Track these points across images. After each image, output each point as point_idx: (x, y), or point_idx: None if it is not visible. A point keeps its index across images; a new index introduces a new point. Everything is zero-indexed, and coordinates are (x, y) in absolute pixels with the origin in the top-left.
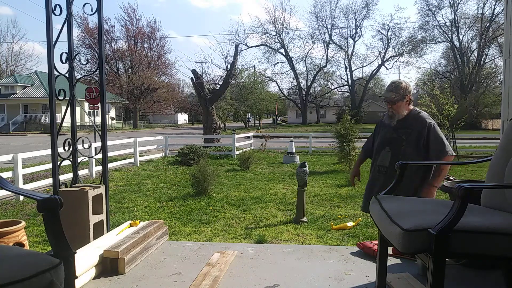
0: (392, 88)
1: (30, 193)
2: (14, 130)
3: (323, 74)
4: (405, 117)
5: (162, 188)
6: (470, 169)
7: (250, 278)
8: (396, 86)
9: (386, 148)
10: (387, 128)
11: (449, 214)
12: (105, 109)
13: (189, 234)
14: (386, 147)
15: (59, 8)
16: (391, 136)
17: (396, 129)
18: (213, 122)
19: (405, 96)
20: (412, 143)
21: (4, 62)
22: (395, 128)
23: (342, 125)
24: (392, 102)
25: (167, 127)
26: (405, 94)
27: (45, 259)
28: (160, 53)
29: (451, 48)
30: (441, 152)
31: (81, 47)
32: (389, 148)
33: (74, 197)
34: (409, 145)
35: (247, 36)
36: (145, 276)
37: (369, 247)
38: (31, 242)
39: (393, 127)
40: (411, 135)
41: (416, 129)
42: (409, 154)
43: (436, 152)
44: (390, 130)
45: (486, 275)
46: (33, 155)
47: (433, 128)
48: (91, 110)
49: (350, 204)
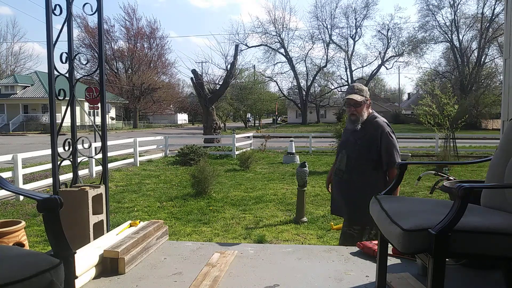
0: (357, 91)
1: (30, 193)
2: (14, 130)
3: (323, 74)
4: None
5: (162, 188)
6: (470, 169)
7: (250, 278)
8: (360, 88)
9: (342, 151)
10: (346, 131)
11: (449, 214)
12: (105, 109)
13: (189, 234)
14: (343, 150)
15: (59, 8)
16: (347, 139)
17: (353, 132)
18: (213, 122)
19: (367, 99)
20: (365, 147)
21: (4, 62)
22: (352, 131)
23: (342, 125)
24: (358, 104)
25: (167, 127)
26: (367, 97)
27: (45, 259)
28: (160, 53)
29: (451, 48)
30: (387, 164)
31: (81, 47)
32: (345, 152)
33: (74, 197)
34: (362, 149)
35: (247, 36)
36: (145, 276)
37: (369, 247)
38: (31, 242)
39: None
40: (365, 139)
41: (371, 134)
42: (361, 158)
43: (386, 162)
44: (347, 133)
45: (486, 275)
46: (33, 155)
47: (386, 136)
48: (91, 110)
49: None
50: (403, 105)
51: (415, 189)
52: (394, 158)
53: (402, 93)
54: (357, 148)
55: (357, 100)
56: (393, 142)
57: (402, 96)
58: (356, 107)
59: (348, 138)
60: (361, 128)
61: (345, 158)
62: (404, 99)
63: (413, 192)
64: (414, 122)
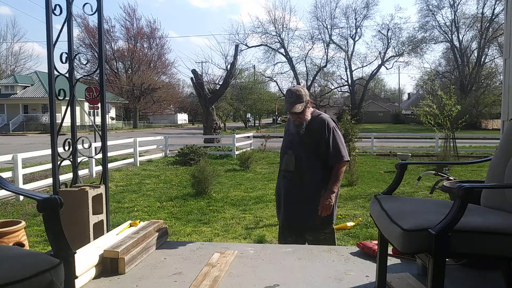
0: (295, 99)
1: (30, 193)
2: (14, 130)
3: (323, 74)
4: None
5: (162, 188)
6: (470, 169)
7: (250, 278)
8: (298, 95)
9: (288, 152)
10: (290, 132)
11: (449, 214)
12: (105, 109)
13: (189, 234)
14: (289, 151)
15: (59, 8)
16: (293, 139)
17: (298, 134)
18: (213, 122)
19: (307, 101)
20: (313, 145)
21: (4, 62)
22: (298, 131)
23: (342, 125)
24: (300, 112)
25: (167, 127)
26: (306, 99)
27: (45, 259)
28: (160, 53)
29: (451, 48)
30: (336, 157)
31: (81, 47)
32: (291, 152)
33: (74, 197)
34: (311, 147)
35: (247, 36)
36: (145, 276)
37: (369, 247)
38: (31, 242)
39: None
40: (312, 137)
41: (317, 130)
42: (310, 156)
43: (332, 157)
44: (292, 135)
45: (486, 275)
46: (33, 155)
47: (333, 131)
48: (91, 110)
49: (350, 204)
50: (403, 105)
51: (415, 189)
52: (341, 152)
53: (402, 93)
54: (306, 147)
55: (299, 110)
56: (340, 136)
57: (402, 96)
58: (299, 115)
59: (294, 139)
60: (308, 126)
61: (293, 158)
62: (404, 99)
63: (413, 192)
64: (414, 122)
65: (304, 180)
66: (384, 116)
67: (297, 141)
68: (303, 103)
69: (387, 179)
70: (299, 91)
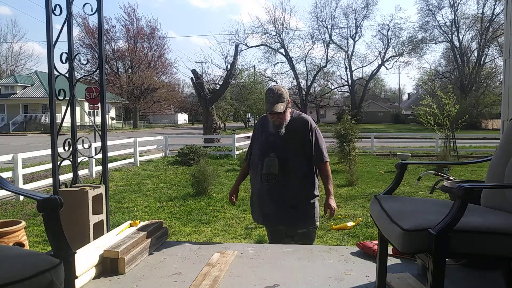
0: (277, 99)
1: (30, 193)
2: (14, 130)
3: (323, 74)
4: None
5: (162, 188)
6: (470, 169)
7: (250, 278)
8: (280, 95)
9: (271, 154)
10: (268, 133)
11: (449, 214)
12: (105, 109)
13: (189, 234)
14: (271, 153)
15: (59, 8)
16: (274, 141)
17: (279, 133)
18: (213, 122)
19: (287, 101)
20: (298, 146)
21: (4, 62)
22: (278, 131)
23: (342, 125)
24: (281, 112)
25: (167, 127)
26: (287, 99)
27: (45, 259)
28: (160, 53)
29: (451, 48)
30: (320, 158)
31: (81, 47)
32: (274, 154)
33: (74, 197)
34: (296, 147)
35: (247, 36)
36: (145, 276)
37: (369, 247)
38: (31, 242)
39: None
40: (296, 137)
41: (301, 130)
42: (297, 157)
43: (316, 157)
44: (272, 134)
45: (486, 275)
46: (33, 155)
47: (316, 132)
48: (91, 110)
49: (350, 204)
50: (403, 105)
51: (415, 189)
52: (323, 153)
53: (402, 93)
54: (291, 148)
55: (281, 110)
56: (321, 136)
57: (402, 96)
58: (279, 115)
59: (275, 140)
60: (290, 127)
61: (275, 160)
62: (404, 99)
63: (413, 192)
64: (414, 122)
65: (290, 180)
66: (384, 116)
67: (279, 142)
68: (285, 102)
69: (387, 179)
70: (281, 90)
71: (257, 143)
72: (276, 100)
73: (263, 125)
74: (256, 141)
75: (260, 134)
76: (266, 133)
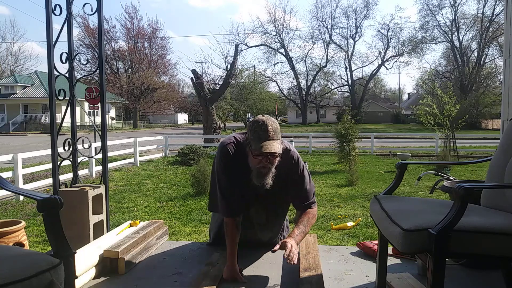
0: (275, 135)
1: (30, 193)
2: (14, 130)
3: (323, 74)
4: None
5: (162, 188)
6: (470, 169)
7: (250, 278)
8: (275, 129)
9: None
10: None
11: (449, 214)
12: (105, 109)
13: (189, 234)
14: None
15: (59, 8)
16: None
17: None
18: (213, 122)
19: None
20: (286, 190)
21: (4, 62)
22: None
23: (342, 125)
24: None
25: (167, 127)
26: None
27: (45, 259)
28: (161, 54)
29: (451, 48)
30: (307, 200)
31: (81, 47)
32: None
33: (74, 197)
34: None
35: (247, 36)
36: (145, 276)
37: (369, 247)
38: (31, 242)
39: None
40: (284, 181)
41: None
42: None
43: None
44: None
45: (486, 275)
46: (33, 155)
47: (302, 171)
48: (91, 110)
49: (350, 204)
50: (403, 105)
51: (415, 189)
52: (312, 194)
53: (402, 93)
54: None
55: (279, 151)
56: (309, 175)
57: (402, 96)
58: (274, 158)
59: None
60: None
61: (263, 212)
62: (404, 99)
63: (413, 192)
64: (414, 122)
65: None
66: (384, 116)
67: (263, 193)
68: (280, 140)
69: (387, 179)
70: (274, 126)
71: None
72: (273, 138)
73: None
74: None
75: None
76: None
